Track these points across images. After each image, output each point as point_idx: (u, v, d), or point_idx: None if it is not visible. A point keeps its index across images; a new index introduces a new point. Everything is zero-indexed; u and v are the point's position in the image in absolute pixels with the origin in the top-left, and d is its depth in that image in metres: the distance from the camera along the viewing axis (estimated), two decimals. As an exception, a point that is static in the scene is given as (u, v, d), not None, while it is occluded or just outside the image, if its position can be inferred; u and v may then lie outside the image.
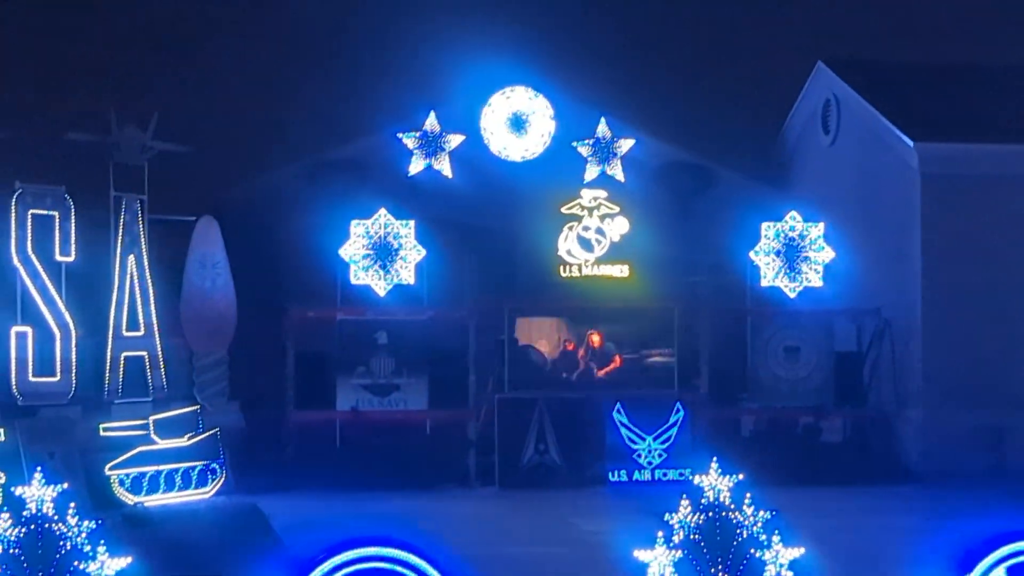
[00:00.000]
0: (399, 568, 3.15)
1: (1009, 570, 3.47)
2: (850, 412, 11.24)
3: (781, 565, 3.25)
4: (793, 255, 10.92)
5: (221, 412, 9.88)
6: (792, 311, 11.17)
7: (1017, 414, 10.56)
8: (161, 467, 8.95)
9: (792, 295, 11.01)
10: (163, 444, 9.09)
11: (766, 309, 11.30)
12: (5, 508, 3.23)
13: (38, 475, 3.19)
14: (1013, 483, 9.77)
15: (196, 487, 9.14)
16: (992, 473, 10.31)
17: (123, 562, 3.19)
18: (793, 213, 11.09)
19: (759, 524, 3.25)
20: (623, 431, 10.38)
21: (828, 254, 11.01)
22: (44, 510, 3.08)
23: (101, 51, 13.43)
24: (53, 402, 8.88)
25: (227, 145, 12.39)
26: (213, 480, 9.23)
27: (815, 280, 10.98)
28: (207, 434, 9.39)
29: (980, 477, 10.04)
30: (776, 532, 3.25)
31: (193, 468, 9.15)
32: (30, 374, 8.63)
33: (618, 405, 10.47)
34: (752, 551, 3.24)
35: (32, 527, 3.06)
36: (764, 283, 10.97)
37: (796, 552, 3.23)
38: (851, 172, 12.57)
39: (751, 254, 10.94)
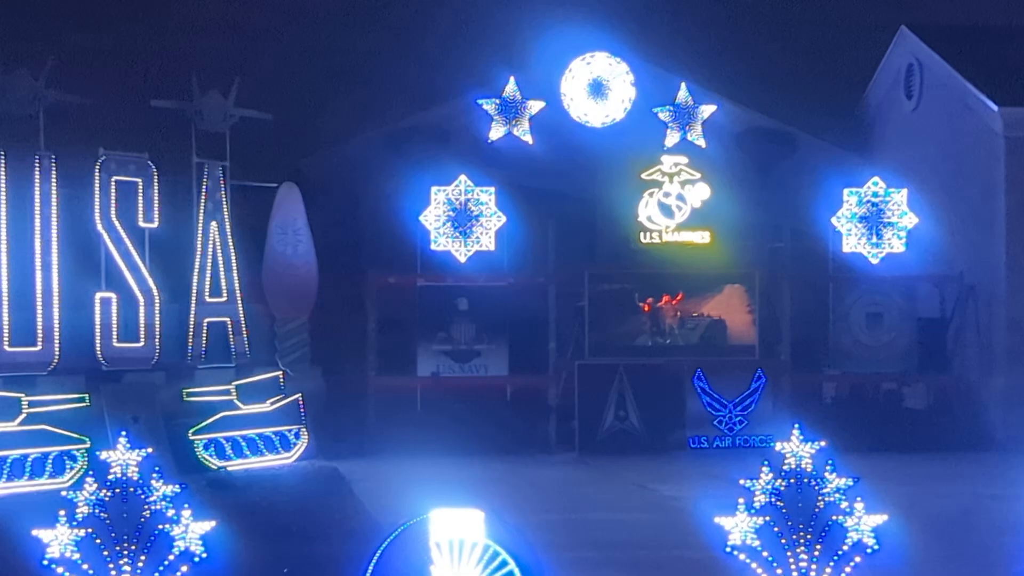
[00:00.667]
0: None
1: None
2: (933, 379, 11.25)
3: (863, 531, 3.25)
4: (875, 221, 10.85)
5: (303, 377, 9.95)
6: (874, 277, 11.12)
7: (1103, 382, 10.29)
8: (244, 432, 9.05)
9: (874, 261, 10.92)
10: (246, 409, 9.20)
11: (848, 275, 11.23)
12: (91, 472, 3.38)
13: (123, 440, 3.22)
14: (1097, 451, 9.61)
15: (279, 452, 9.24)
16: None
17: (207, 526, 3.22)
18: (875, 179, 11.01)
19: (841, 491, 3.25)
20: (704, 397, 10.38)
21: (911, 219, 10.91)
22: (129, 474, 3.13)
23: (184, 18, 13.44)
24: (137, 368, 9.02)
25: (308, 112, 12.40)
26: (295, 445, 9.33)
27: (897, 246, 10.90)
28: (289, 399, 9.46)
29: (1064, 445, 9.89)
30: (858, 499, 3.24)
31: (276, 433, 9.26)
32: (114, 340, 8.73)
33: (698, 372, 10.47)
34: (834, 517, 3.25)
35: (117, 491, 3.11)
36: (846, 249, 10.89)
37: (879, 519, 3.22)
38: (934, 136, 12.38)
39: (833, 220, 10.85)
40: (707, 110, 11.34)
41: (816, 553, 3.16)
